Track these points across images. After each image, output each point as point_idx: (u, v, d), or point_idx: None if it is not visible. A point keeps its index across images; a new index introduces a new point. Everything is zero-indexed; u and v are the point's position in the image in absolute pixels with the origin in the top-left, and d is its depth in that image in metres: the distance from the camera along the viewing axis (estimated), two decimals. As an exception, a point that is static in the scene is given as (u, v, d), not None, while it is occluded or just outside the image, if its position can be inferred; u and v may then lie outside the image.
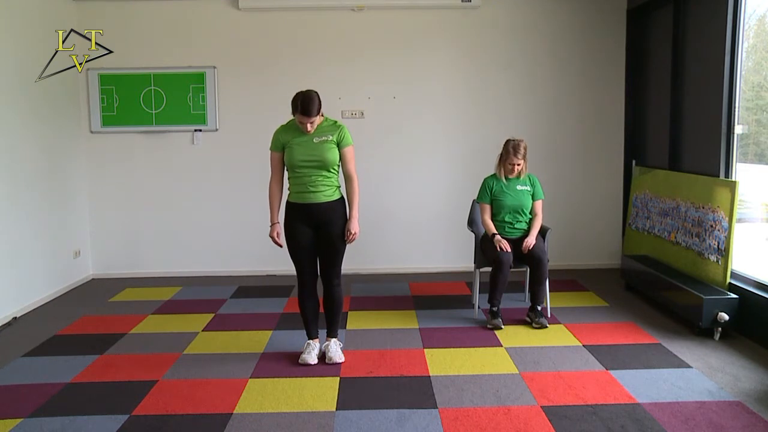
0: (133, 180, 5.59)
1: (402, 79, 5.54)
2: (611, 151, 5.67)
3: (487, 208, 4.26)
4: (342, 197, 3.49)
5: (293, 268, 3.50)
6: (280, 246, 3.49)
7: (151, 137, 5.54)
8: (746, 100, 4.19)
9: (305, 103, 3.23)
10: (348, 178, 3.47)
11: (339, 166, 3.44)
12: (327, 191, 3.39)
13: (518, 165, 4.17)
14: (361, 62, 5.51)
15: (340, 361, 3.49)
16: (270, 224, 3.50)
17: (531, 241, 4.10)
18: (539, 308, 4.10)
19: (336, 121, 3.46)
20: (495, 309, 4.09)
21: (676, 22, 4.75)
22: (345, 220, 3.47)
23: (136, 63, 5.44)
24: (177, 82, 5.46)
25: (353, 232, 3.45)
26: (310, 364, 3.46)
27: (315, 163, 3.33)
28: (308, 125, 3.29)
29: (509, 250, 4.05)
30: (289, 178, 3.45)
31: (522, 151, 4.17)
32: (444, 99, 5.58)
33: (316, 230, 3.44)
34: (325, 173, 3.37)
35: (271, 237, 3.50)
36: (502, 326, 4.03)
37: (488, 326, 4.06)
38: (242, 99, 5.53)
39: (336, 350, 3.53)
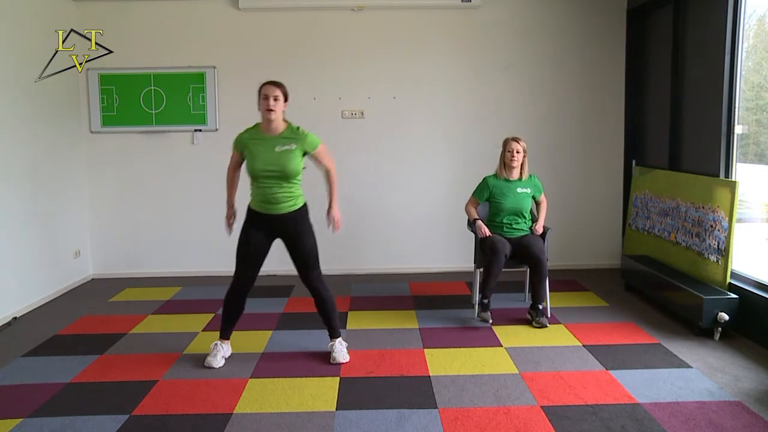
0: (133, 180, 5.59)
1: (402, 79, 5.54)
2: (611, 151, 5.67)
3: (476, 202, 4.32)
4: (305, 204, 3.47)
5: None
6: (230, 232, 3.56)
7: (151, 137, 5.54)
8: (746, 100, 4.19)
9: (270, 81, 3.36)
10: (326, 171, 3.49)
11: (301, 174, 3.41)
12: (289, 202, 3.37)
13: (517, 152, 4.19)
14: (361, 62, 5.51)
15: (344, 361, 3.49)
16: (227, 206, 3.58)
17: (539, 228, 4.22)
18: (540, 307, 4.10)
19: (298, 127, 3.40)
20: (486, 301, 4.10)
21: (676, 22, 4.75)
22: (310, 226, 3.46)
23: (136, 63, 5.44)
24: (177, 82, 5.46)
25: (336, 219, 3.47)
26: (214, 368, 3.45)
27: (276, 173, 3.30)
28: (272, 100, 3.27)
29: (489, 233, 4.12)
30: (251, 185, 3.42)
31: (521, 141, 4.23)
32: (444, 99, 5.57)
33: (274, 239, 3.45)
34: (286, 185, 3.34)
35: (227, 219, 3.56)
36: (491, 320, 4.05)
37: (477, 318, 4.07)
38: (242, 99, 5.51)
39: (341, 350, 3.53)
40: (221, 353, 3.53)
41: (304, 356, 3.61)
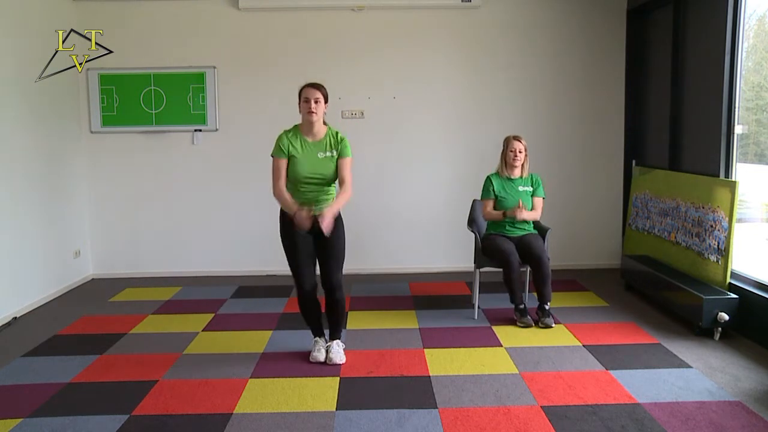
0: (133, 180, 5.59)
1: (402, 79, 5.54)
2: (611, 151, 5.67)
3: (491, 203, 4.27)
4: None
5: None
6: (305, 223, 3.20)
7: (151, 137, 5.54)
8: (746, 100, 4.19)
9: (311, 83, 3.32)
10: (341, 182, 3.40)
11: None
12: (327, 203, 3.39)
13: (520, 152, 4.18)
14: (361, 62, 5.51)
15: (341, 362, 3.50)
16: (295, 211, 3.23)
17: (521, 213, 4.14)
18: (546, 307, 4.10)
19: (338, 132, 3.42)
20: (522, 307, 4.09)
21: (676, 22, 4.75)
22: (343, 226, 3.46)
23: (136, 63, 5.44)
24: (177, 82, 5.46)
25: (327, 217, 3.18)
26: (321, 362, 3.49)
27: (319, 179, 3.33)
28: (313, 102, 3.25)
29: (517, 211, 4.09)
30: (288, 188, 3.40)
31: (522, 139, 4.22)
32: (444, 99, 5.57)
33: (315, 238, 3.42)
34: (326, 188, 3.39)
35: (299, 215, 3.19)
36: (533, 324, 4.04)
37: (519, 324, 4.06)
38: (242, 99, 5.53)
39: (338, 351, 3.53)
40: (320, 346, 3.55)
41: (304, 356, 3.60)
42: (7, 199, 4.44)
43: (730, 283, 3.89)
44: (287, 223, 3.37)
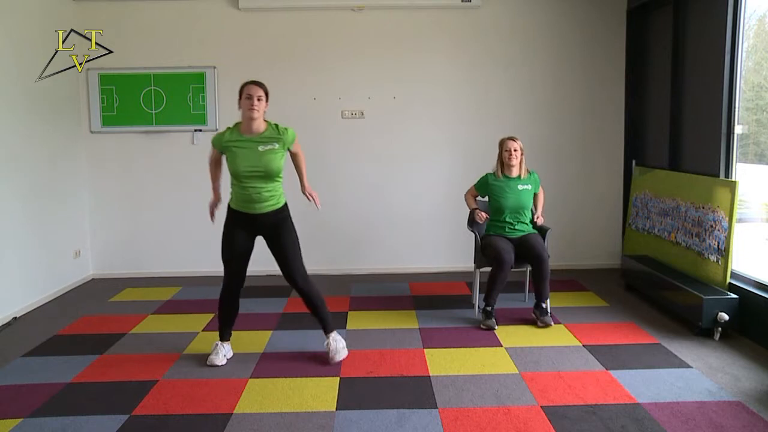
0: (133, 180, 5.59)
1: (402, 79, 5.54)
2: (611, 151, 5.67)
3: (474, 192, 4.39)
4: (286, 204, 3.48)
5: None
6: (212, 219, 3.57)
7: (151, 137, 5.54)
8: (746, 100, 4.19)
9: (253, 80, 3.39)
10: (295, 154, 3.50)
11: (282, 171, 3.43)
12: (272, 201, 3.38)
13: (515, 150, 4.20)
14: (361, 62, 5.51)
15: (341, 358, 3.48)
16: (213, 192, 3.58)
17: (541, 218, 4.28)
18: (543, 306, 4.10)
19: (278, 125, 3.41)
20: (490, 309, 4.09)
21: (676, 22, 4.75)
22: (292, 224, 3.47)
23: (136, 63, 5.44)
24: (177, 82, 5.46)
25: (314, 193, 3.51)
26: (217, 365, 3.47)
27: (260, 173, 3.31)
28: (256, 100, 3.29)
29: (482, 221, 4.22)
30: (232, 185, 3.41)
31: (517, 139, 4.25)
32: (444, 99, 5.58)
33: (257, 237, 3.45)
34: (269, 184, 3.36)
35: (211, 207, 3.57)
36: (496, 326, 4.04)
37: (482, 327, 4.06)
38: (242, 99, 5.52)
39: (336, 346, 3.51)
40: (222, 352, 3.53)
41: (304, 356, 3.61)
42: (7, 200, 4.44)
43: (730, 283, 3.89)
44: (232, 220, 3.44)
